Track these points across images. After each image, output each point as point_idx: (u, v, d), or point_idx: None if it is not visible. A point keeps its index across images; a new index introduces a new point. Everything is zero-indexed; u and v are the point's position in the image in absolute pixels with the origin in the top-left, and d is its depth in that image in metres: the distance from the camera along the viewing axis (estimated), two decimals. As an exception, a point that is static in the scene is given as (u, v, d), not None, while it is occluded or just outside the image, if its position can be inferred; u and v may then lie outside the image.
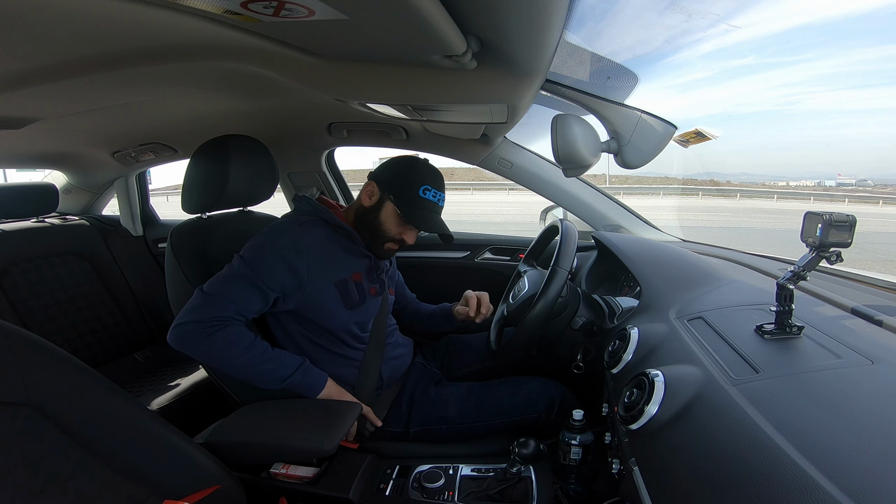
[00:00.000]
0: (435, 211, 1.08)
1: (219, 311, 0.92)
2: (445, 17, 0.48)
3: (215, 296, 0.93)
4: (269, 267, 0.96)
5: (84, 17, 0.52)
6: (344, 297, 1.05)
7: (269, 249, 0.98)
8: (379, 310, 1.14)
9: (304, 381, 0.98)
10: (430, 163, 1.11)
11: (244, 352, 0.93)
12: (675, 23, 0.79)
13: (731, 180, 22.57)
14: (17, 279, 1.63)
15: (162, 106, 1.21)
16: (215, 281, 0.95)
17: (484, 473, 0.95)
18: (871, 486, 0.40)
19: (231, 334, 0.92)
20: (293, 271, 0.98)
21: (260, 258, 0.97)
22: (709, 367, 0.64)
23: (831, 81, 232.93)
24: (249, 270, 0.95)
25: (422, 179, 1.05)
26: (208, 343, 0.91)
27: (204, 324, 0.91)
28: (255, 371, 0.95)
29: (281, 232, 1.01)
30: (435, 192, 1.07)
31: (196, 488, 0.75)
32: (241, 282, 0.94)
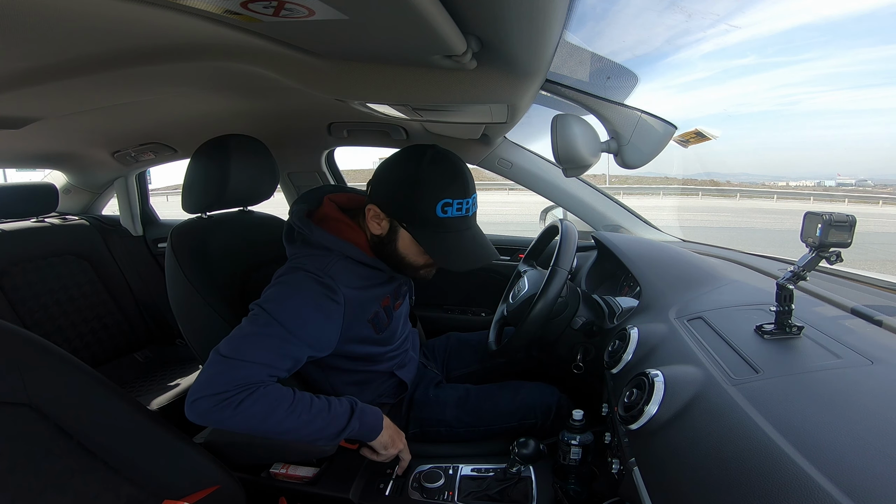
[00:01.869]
0: (464, 227, 0.86)
1: (245, 377, 0.76)
2: (445, 17, 0.48)
3: (237, 360, 0.76)
4: (305, 320, 0.82)
5: (84, 17, 0.52)
6: (376, 325, 0.96)
7: (301, 300, 0.83)
8: (400, 318, 1.07)
9: (363, 426, 0.85)
10: (436, 149, 0.86)
11: (288, 414, 0.77)
12: (676, 23, 0.79)
13: (731, 180, 22.59)
14: (17, 279, 1.63)
15: (162, 106, 1.21)
16: (235, 340, 0.78)
17: (484, 473, 0.95)
18: (871, 486, 0.40)
19: (267, 396, 0.76)
20: (330, 322, 0.85)
21: (293, 309, 0.82)
22: (709, 367, 0.65)
23: (832, 81, 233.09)
24: (280, 327, 0.79)
25: (437, 192, 0.82)
26: (240, 414, 0.74)
27: (229, 394, 0.74)
28: (306, 432, 0.79)
29: (312, 281, 0.85)
30: (460, 203, 0.83)
31: (196, 488, 0.75)
32: (271, 340, 0.79)
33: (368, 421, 0.87)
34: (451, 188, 0.83)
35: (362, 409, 0.87)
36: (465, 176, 0.85)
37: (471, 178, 0.87)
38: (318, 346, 0.86)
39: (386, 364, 1.05)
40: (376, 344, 1.00)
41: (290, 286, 0.85)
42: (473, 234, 0.89)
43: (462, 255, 0.86)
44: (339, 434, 0.82)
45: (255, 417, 0.75)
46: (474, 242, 0.88)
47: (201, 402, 0.74)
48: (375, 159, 40.91)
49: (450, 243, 0.85)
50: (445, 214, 0.83)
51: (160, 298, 1.98)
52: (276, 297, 0.83)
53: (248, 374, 0.76)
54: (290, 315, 0.81)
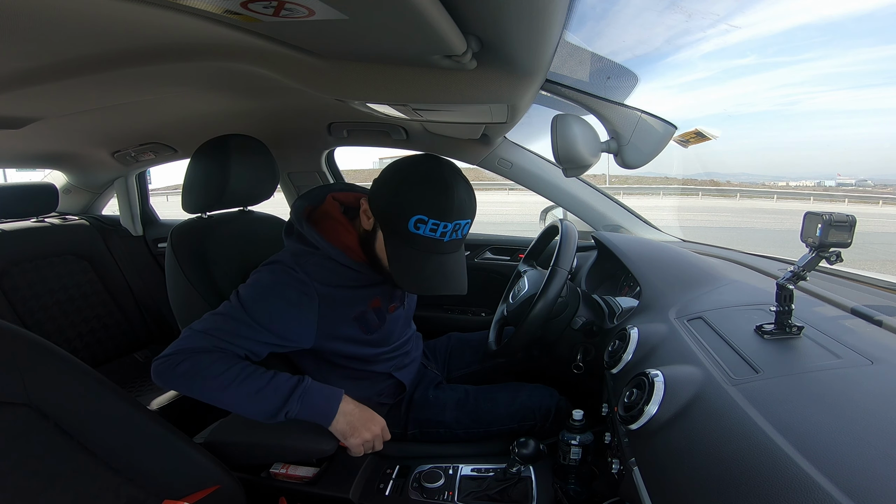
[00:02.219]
0: (434, 250, 0.81)
1: (194, 344, 0.80)
2: (445, 17, 0.48)
3: (197, 332, 0.81)
4: (270, 309, 0.84)
5: (84, 17, 0.52)
6: (363, 326, 0.96)
7: (269, 290, 0.86)
8: (399, 321, 1.05)
9: (306, 408, 0.80)
10: (440, 164, 0.83)
11: (220, 376, 0.77)
12: (675, 23, 0.79)
13: (731, 180, 22.61)
14: (17, 279, 1.63)
15: (162, 106, 1.21)
16: (205, 319, 0.84)
17: (484, 473, 0.95)
18: (871, 486, 0.40)
19: (203, 360, 0.78)
20: (299, 313, 0.87)
21: (260, 298, 0.85)
22: (709, 367, 0.65)
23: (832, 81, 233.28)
24: (244, 311, 0.83)
25: (413, 205, 0.78)
26: (180, 373, 0.78)
27: (177, 355, 0.79)
28: (239, 402, 0.79)
29: (284, 272, 0.87)
30: (435, 224, 0.78)
31: (196, 488, 0.75)
32: (232, 321, 0.83)
33: (315, 403, 0.80)
34: (430, 206, 0.79)
35: (308, 389, 0.81)
36: (451, 199, 0.79)
37: (462, 204, 0.81)
38: (284, 337, 0.86)
39: (383, 365, 1.05)
40: (369, 345, 0.99)
41: (263, 275, 0.88)
42: (443, 260, 0.83)
43: (417, 277, 0.82)
44: (276, 412, 0.78)
45: (190, 376, 0.78)
46: (440, 269, 0.82)
47: (155, 364, 0.81)
48: (375, 159, 40.71)
49: (411, 260, 0.82)
50: (417, 231, 0.79)
51: (160, 298, 1.98)
52: (249, 284, 0.87)
53: (198, 343, 0.80)
54: (257, 303, 0.84)
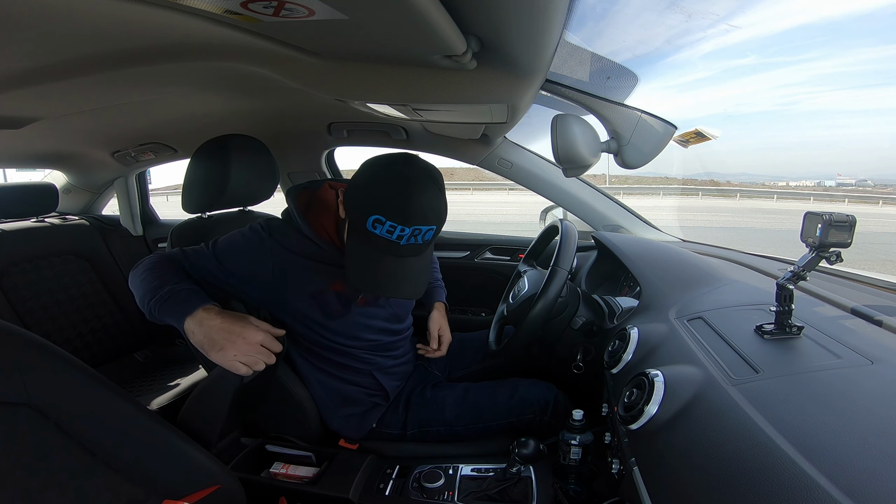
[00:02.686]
0: (389, 251, 0.80)
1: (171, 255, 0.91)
2: (445, 17, 0.48)
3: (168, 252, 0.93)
4: (230, 249, 0.92)
5: (84, 17, 0.52)
6: (322, 307, 0.97)
7: (233, 237, 0.94)
8: (375, 319, 1.04)
9: (164, 310, 0.80)
10: (412, 167, 0.82)
11: (150, 269, 0.86)
12: (675, 23, 0.79)
13: (731, 180, 22.63)
14: (17, 279, 1.63)
15: (162, 106, 1.21)
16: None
17: (484, 473, 0.95)
18: (871, 486, 0.40)
19: (153, 259, 0.89)
20: (253, 265, 0.92)
21: (224, 241, 0.94)
22: (709, 367, 0.65)
23: (832, 81, 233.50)
24: (208, 247, 0.93)
25: (373, 204, 0.78)
26: (138, 270, 0.88)
27: (145, 260, 0.90)
28: (138, 290, 0.86)
29: (251, 228, 0.96)
30: (392, 226, 0.77)
31: (196, 488, 0.75)
32: (198, 252, 0.93)
33: (170, 306, 0.79)
34: (389, 208, 0.78)
35: (175, 293, 0.81)
36: (412, 203, 0.78)
37: (425, 211, 0.79)
38: (233, 272, 0.91)
39: (359, 362, 1.05)
40: (334, 333, 1.00)
41: (238, 230, 0.96)
42: (398, 263, 0.82)
43: (366, 275, 0.82)
44: (146, 303, 0.82)
45: (138, 271, 0.88)
46: (392, 271, 0.82)
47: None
48: (375, 159, 40.86)
49: (364, 258, 0.82)
50: (374, 230, 0.79)
51: (160, 298, 1.98)
52: (224, 235, 0.96)
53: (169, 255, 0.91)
54: (222, 243, 0.93)
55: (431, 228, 0.82)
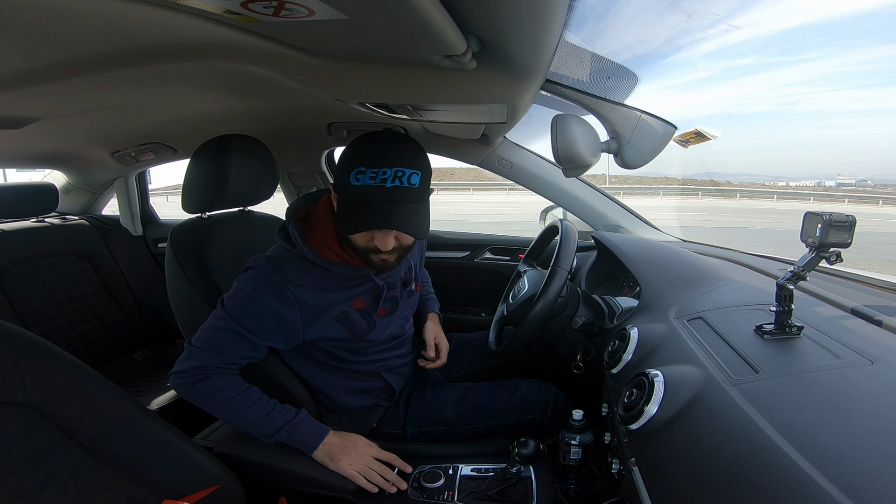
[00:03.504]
0: (379, 197, 0.80)
1: (202, 362, 0.89)
2: (445, 17, 0.48)
3: (198, 349, 0.89)
4: (255, 316, 0.89)
5: (84, 17, 0.52)
6: (350, 328, 0.96)
7: (251, 299, 0.89)
8: (392, 326, 1.04)
9: (293, 439, 0.90)
10: (378, 131, 0.86)
11: (229, 402, 0.88)
12: (676, 23, 0.79)
13: (731, 180, 22.63)
14: (17, 279, 1.63)
15: (162, 106, 1.21)
16: (201, 332, 0.91)
17: (484, 473, 0.95)
18: (871, 486, 0.40)
19: (215, 385, 0.88)
20: (283, 320, 0.90)
21: (244, 308, 0.89)
22: (708, 367, 0.65)
23: (832, 81, 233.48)
24: (233, 322, 0.88)
25: (355, 160, 0.80)
26: (195, 392, 0.89)
27: (188, 374, 0.89)
28: (244, 422, 0.90)
29: (261, 278, 0.90)
30: (374, 172, 0.79)
31: (196, 488, 0.75)
32: (226, 334, 0.89)
33: (300, 438, 0.90)
34: (366, 156, 0.80)
35: (299, 424, 0.90)
36: (386, 146, 0.81)
37: (401, 152, 0.81)
38: (272, 340, 0.92)
39: (370, 365, 1.05)
40: (354, 352, 1.01)
41: (244, 283, 0.91)
42: (391, 205, 0.80)
43: (357, 220, 0.82)
44: (272, 435, 0.89)
45: (204, 399, 0.89)
46: (383, 210, 0.80)
47: (174, 377, 0.90)
48: (375, 159, 40.66)
49: (356, 210, 0.81)
50: (358, 182, 0.79)
51: (160, 298, 1.98)
52: (232, 293, 0.91)
53: (205, 362, 0.88)
54: (241, 312, 0.89)
55: (416, 172, 0.81)
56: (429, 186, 0.87)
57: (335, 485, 0.87)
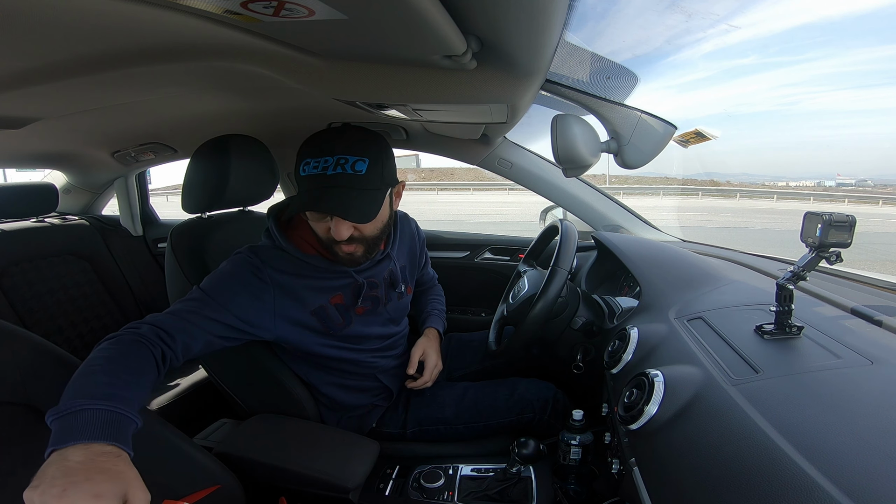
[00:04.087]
0: (322, 184, 0.81)
1: (162, 321, 0.77)
2: (445, 17, 0.48)
3: (168, 311, 0.81)
4: (228, 290, 0.85)
5: (84, 16, 0.52)
6: (324, 323, 0.94)
7: (227, 275, 0.88)
8: (372, 326, 1.02)
9: (57, 431, 0.56)
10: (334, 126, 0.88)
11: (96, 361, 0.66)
12: (676, 23, 0.79)
13: (731, 180, 22.63)
14: (17, 279, 1.63)
15: (162, 106, 1.21)
16: (176, 303, 0.84)
17: (484, 473, 0.95)
18: (871, 486, 0.40)
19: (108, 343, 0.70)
20: (256, 298, 0.87)
21: (218, 283, 0.86)
22: (708, 368, 0.65)
23: (832, 81, 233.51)
24: (203, 293, 0.84)
25: (303, 153, 0.84)
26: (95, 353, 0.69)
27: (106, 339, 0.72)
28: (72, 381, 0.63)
29: (241, 260, 0.90)
30: (316, 161, 0.81)
31: (196, 488, 0.75)
32: (190, 303, 0.82)
33: (61, 432, 0.56)
34: (312, 149, 0.83)
35: (78, 412, 0.57)
36: (332, 138, 0.83)
37: (344, 141, 0.82)
38: (242, 318, 0.86)
39: (365, 367, 1.04)
40: (341, 341, 0.98)
41: (224, 265, 0.90)
42: (333, 191, 0.81)
43: (299, 202, 0.83)
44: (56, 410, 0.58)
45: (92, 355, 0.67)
46: (322, 195, 0.81)
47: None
48: (375, 159, 40.63)
49: (299, 197, 0.84)
50: (304, 173, 0.82)
51: (160, 298, 1.98)
52: (211, 273, 0.90)
53: (160, 321, 0.77)
54: (215, 286, 0.86)
55: (361, 159, 0.82)
56: (383, 175, 0.85)
57: (335, 485, 0.86)
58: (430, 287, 1.33)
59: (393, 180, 0.90)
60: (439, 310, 1.25)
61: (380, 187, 0.85)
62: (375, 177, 0.84)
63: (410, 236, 1.15)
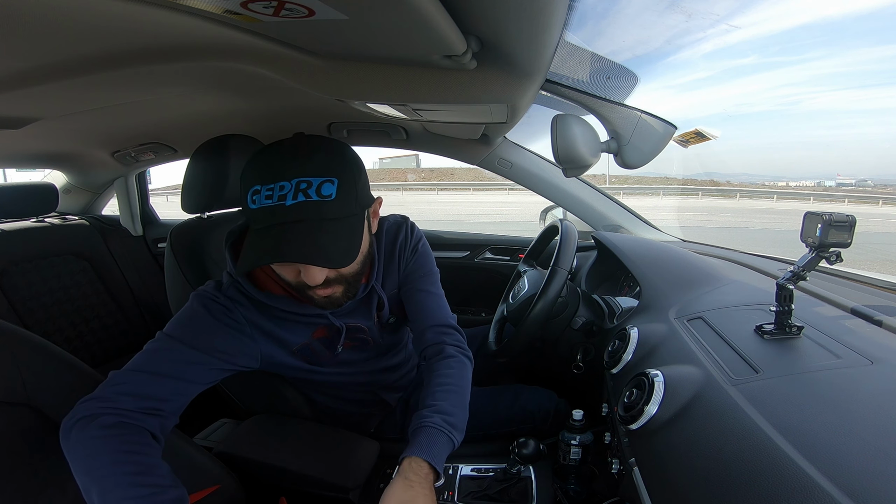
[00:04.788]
0: (282, 219, 0.62)
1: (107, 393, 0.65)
2: (445, 17, 0.48)
3: (131, 369, 0.68)
4: (204, 330, 0.73)
5: (84, 16, 0.52)
6: (309, 358, 0.86)
7: (198, 315, 0.74)
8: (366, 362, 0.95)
9: None
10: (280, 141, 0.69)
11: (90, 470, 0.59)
12: (676, 23, 0.79)
13: (731, 180, 22.63)
14: (17, 279, 1.63)
15: (162, 106, 1.21)
16: (136, 356, 0.71)
17: (484, 473, 0.95)
18: (871, 486, 0.40)
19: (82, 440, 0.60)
20: (238, 333, 0.76)
21: (188, 324, 0.74)
22: (708, 367, 0.65)
23: (833, 81, 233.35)
24: (173, 340, 0.72)
25: (249, 178, 0.65)
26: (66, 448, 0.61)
27: (68, 421, 0.63)
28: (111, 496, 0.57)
29: (207, 297, 0.76)
30: (269, 189, 0.62)
31: (196, 488, 0.75)
32: (162, 353, 0.70)
33: None
34: (260, 171, 0.64)
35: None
36: (285, 155, 0.65)
37: (304, 160, 0.64)
38: (221, 352, 0.74)
39: (363, 389, 1.00)
40: (326, 375, 0.92)
41: (186, 305, 0.78)
42: (293, 228, 0.62)
43: (247, 255, 0.65)
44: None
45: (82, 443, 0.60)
46: (281, 236, 0.62)
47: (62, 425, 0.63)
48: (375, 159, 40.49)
49: (252, 240, 0.65)
50: (255, 205, 0.63)
51: (160, 298, 1.98)
52: (175, 319, 0.75)
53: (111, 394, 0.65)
54: (186, 328, 0.73)
55: (329, 180, 0.63)
56: (357, 196, 0.68)
57: (335, 485, 0.86)
58: (443, 356, 0.89)
59: (368, 199, 0.73)
60: (445, 417, 0.81)
61: (356, 212, 0.68)
62: (349, 200, 0.66)
63: (400, 249, 0.93)
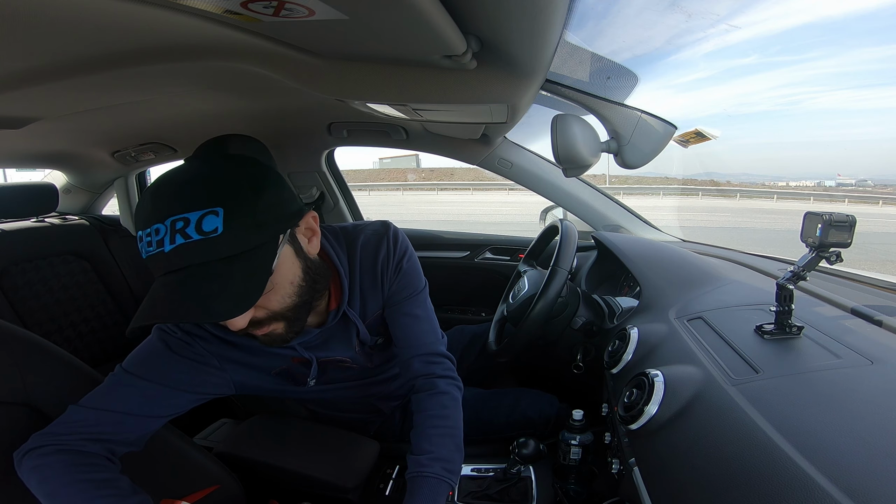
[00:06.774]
0: (165, 267, 0.54)
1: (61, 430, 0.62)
2: (445, 17, 0.48)
3: (89, 407, 0.64)
4: (166, 363, 0.70)
5: (84, 16, 0.52)
6: (293, 379, 0.82)
7: (158, 350, 0.72)
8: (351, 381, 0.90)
9: None
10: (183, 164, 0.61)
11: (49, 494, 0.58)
12: (676, 22, 0.79)
13: (731, 180, 22.63)
14: (17, 279, 1.63)
15: (162, 106, 1.21)
16: (93, 392, 0.67)
17: (484, 473, 0.95)
18: (871, 486, 0.40)
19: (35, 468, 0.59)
20: (203, 364, 0.72)
21: (148, 359, 0.71)
22: (708, 367, 0.65)
23: (833, 81, 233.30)
24: (132, 376, 0.69)
25: (136, 224, 0.56)
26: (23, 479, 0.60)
27: (18, 454, 0.61)
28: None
29: (165, 332, 0.73)
30: (149, 235, 0.54)
31: (195, 488, 0.75)
32: (126, 389, 0.67)
33: None
34: (139, 213, 0.56)
35: None
36: (160, 192, 0.55)
37: (179, 188, 0.55)
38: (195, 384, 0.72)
39: (360, 406, 0.99)
40: (313, 395, 0.90)
41: (148, 340, 0.75)
42: (180, 276, 0.54)
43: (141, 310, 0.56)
44: None
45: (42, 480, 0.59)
46: (165, 289, 0.54)
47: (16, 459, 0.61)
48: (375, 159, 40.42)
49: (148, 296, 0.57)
50: (144, 256, 0.56)
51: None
52: (134, 351, 0.73)
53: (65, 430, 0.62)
54: (145, 363, 0.70)
55: (211, 211, 0.52)
56: (260, 222, 0.57)
57: (335, 484, 0.86)
58: (434, 392, 0.84)
59: (287, 217, 0.61)
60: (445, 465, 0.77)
61: (262, 241, 0.57)
62: (245, 230, 0.55)
63: (382, 267, 0.82)
